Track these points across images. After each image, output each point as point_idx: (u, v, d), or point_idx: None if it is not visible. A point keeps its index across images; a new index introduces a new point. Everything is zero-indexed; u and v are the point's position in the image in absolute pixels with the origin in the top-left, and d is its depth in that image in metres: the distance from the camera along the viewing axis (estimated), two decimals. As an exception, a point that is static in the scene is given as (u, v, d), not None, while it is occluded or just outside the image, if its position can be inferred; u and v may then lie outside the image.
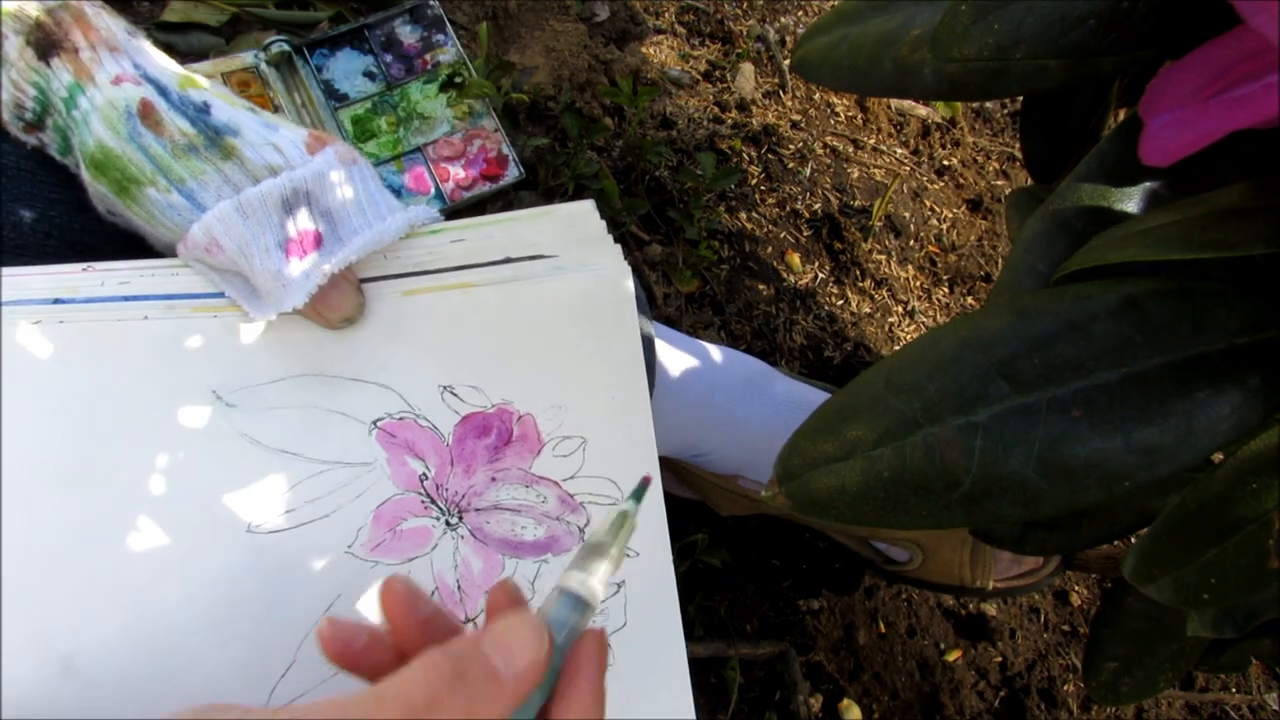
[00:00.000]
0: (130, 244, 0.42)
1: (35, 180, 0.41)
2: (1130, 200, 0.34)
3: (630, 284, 0.42)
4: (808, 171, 0.98)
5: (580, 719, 0.26)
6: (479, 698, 0.24)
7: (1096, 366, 0.28)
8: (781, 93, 1.03)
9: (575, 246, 0.42)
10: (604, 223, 0.42)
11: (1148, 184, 0.34)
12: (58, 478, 0.38)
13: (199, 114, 0.38)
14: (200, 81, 0.40)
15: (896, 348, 0.92)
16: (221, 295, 0.40)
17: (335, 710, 0.23)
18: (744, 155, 0.97)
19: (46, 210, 0.41)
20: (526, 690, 0.25)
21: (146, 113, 0.38)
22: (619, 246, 0.42)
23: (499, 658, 0.24)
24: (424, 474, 0.41)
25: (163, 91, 0.38)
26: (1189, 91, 0.29)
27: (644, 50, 1.00)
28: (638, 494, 0.31)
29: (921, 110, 1.06)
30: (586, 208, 0.42)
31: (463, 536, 0.42)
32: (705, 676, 0.73)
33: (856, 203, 0.97)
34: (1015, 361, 0.29)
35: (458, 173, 0.84)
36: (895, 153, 1.03)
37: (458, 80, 0.85)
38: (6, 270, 0.38)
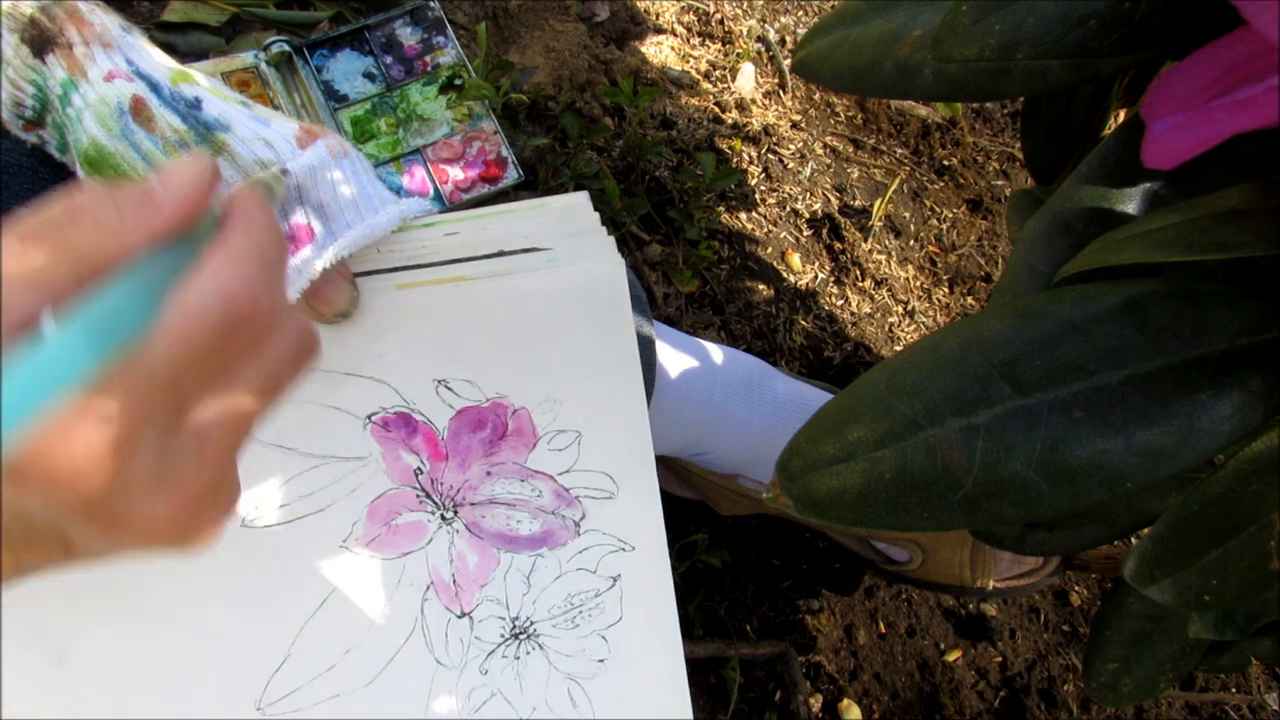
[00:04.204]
0: None
1: (36, 178, 0.41)
2: (1131, 202, 0.34)
3: (624, 276, 0.43)
4: (808, 171, 0.98)
5: (234, 255, 0.23)
6: (130, 211, 0.22)
7: (1098, 368, 0.28)
8: (781, 93, 1.03)
9: (569, 239, 0.42)
10: (597, 215, 0.42)
11: (1149, 185, 0.34)
12: None
13: (190, 110, 0.38)
14: (194, 76, 0.40)
15: (897, 348, 0.92)
16: None
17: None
18: (744, 155, 0.97)
19: None
20: (181, 212, 0.23)
21: (138, 110, 0.38)
22: (613, 239, 0.42)
23: (157, 182, 0.23)
24: (419, 468, 0.41)
25: (154, 88, 0.38)
26: (1191, 93, 0.29)
27: (644, 50, 1.00)
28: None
29: (921, 110, 1.06)
30: (580, 200, 0.42)
31: (458, 530, 0.42)
32: (705, 676, 0.73)
33: (856, 203, 0.97)
34: (1016, 363, 0.29)
35: (457, 174, 0.84)
36: (895, 153, 1.03)
37: (458, 83, 0.85)
38: None
